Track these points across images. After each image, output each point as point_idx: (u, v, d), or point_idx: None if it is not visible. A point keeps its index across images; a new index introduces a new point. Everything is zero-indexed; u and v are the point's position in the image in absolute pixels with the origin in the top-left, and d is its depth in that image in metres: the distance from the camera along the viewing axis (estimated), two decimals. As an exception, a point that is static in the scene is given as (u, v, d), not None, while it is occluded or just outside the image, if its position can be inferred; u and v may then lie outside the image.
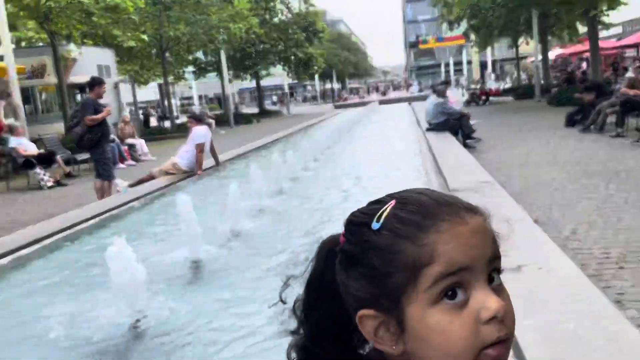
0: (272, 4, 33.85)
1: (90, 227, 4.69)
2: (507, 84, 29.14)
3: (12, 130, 10.04)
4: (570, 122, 11.40)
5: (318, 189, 6.09)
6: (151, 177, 7.68)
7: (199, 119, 7.96)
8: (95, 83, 6.83)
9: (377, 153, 9.21)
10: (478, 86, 25.09)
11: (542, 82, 23.13)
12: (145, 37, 18.65)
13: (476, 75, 54.05)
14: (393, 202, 0.59)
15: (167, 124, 28.80)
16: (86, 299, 2.90)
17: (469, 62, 58.66)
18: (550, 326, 2.00)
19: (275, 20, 34.10)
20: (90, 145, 6.65)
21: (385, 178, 6.50)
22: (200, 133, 7.58)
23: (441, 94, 9.94)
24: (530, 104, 20.50)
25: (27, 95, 17.92)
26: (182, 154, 7.67)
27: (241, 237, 4.12)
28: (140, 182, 7.64)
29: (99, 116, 6.65)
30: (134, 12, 15.96)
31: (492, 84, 26.19)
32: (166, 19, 21.37)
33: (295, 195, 5.72)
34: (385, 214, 0.58)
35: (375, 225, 0.58)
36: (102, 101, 18.26)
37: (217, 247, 3.79)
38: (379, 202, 0.61)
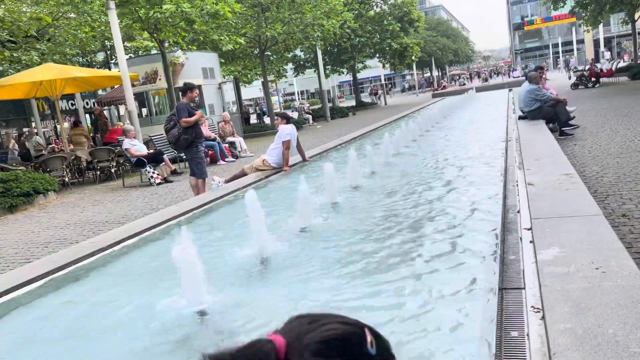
0: (366, -3, 33.89)
1: (182, 222, 5.21)
2: (622, 62, 26.59)
3: (125, 133, 11.17)
4: (689, 103, 10.31)
5: (390, 181, 6.18)
6: (243, 174, 8.21)
7: (286, 117, 8.33)
8: (187, 88, 7.43)
9: (463, 142, 9.03)
10: (587, 67, 23.22)
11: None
12: (242, 40, 19.61)
13: (589, 54, 49.99)
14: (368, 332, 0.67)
15: (267, 120, 30.19)
16: (163, 288, 3.31)
17: (580, 41, 54.39)
18: (589, 330, 1.97)
19: (370, 13, 34.08)
20: (185, 145, 7.28)
21: (465, 168, 6.41)
22: (286, 131, 7.95)
23: (533, 80, 9.47)
24: (647, 84, 18.70)
25: (142, 100, 19.75)
26: (270, 151, 8.10)
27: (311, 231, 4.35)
28: (234, 178, 8.21)
29: (193, 118, 7.25)
30: (233, 16, 16.91)
31: (603, 64, 24.09)
32: (263, 20, 22.30)
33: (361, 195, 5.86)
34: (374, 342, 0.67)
35: (372, 351, 0.65)
36: (206, 100, 19.50)
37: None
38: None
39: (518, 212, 4.08)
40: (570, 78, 28.35)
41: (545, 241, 3.04)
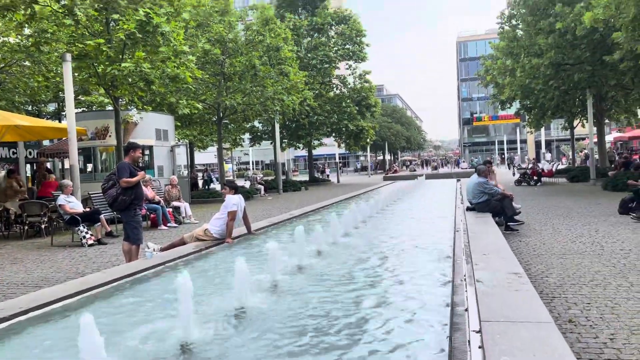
0: (328, 79, 35.16)
1: (105, 292, 4.70)
2: (561, 164, 28.27)
3: (62, 188, 10.52)
4: (624, 209, 10.78)
5: (337, 266, 5.90)
6: (182, 242, 7.75)
7: (234, 187, 8.05)
8: (131, 147, 7.10)
9: (412, 228, 8.96)
10: (530, 166, 24.43)
11: (598, 165, 22.33)
12: (199, 105, 19.58)
13: (531, 154, 53.10)
14: None
15: (214, 186, 29.71)
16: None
17: (524, 141, 57.87)
18: None
19: (330, 94, 35.25)
20: (123, 207, 6.82)
21: (412, 256, 6.24)
22: (233, 201, 7.64)
23: (482, 173, 9.69)
24: (584, 187, 19.72)
25: (89, 155, 19.05)
26: (214, 221, 7.73)
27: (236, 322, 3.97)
28: (172, 246, 7.71)
29: (134, 179, 6.86)
30: (193, 81, 16.92)
31: (544, 165, 25.46)
32: (224, 89, 22.50)
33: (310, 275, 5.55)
34: None
35: None
36: (156, 162, 19.05)
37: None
38: None
39: (466, 310, 3.88)
40: (514, 174, 29.75)
41: (495, 349, 2.80)
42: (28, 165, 22.20)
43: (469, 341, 3.16)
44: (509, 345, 2.85)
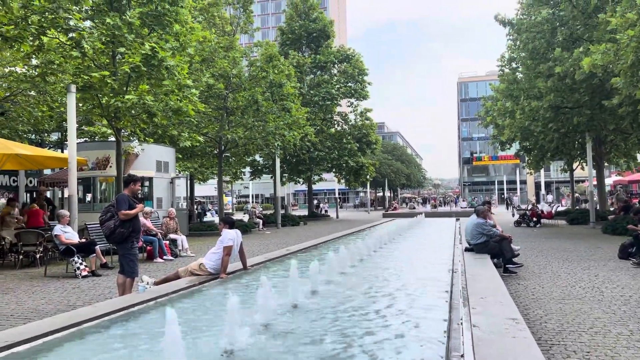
0: (329, 115, 35.56)
1: (94, 327, 4.61)
2: (561, 206, 28.24)
3: (59, 218, 10.48)
4: (624, 254, 10.70)
5: (329, 306, 5.80)
6: (177, 276, 7.65)
7: (229, 223, 7.99)
8: (131, 180, 7.10)
9: (409, 268, 8.85)
10: (529, 207, 24.39)
11: (597, 208, 22.29)
12: (201, 138, 19.71)
13: (530, 195, 53.10)
14: None
15: (214, 218, 29.63)
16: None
17: (523, 182, 57.99)
18: None
19: (331, 130, 35.57)
20: (120, 240, 6.77)
21: (410, 297, 6.14)
22: (229, 236, 7.57)
23: (481, 214, 9.65)
24: (583, 230, 19.63)
25: (89, 185, 19.06)
26: (209, 255, 7.64)
27: None
28: (166, 280, 7.61)
29: (133, 212, 6.83)
30: (196, 115, 17.09)
31: (544, 206, 25.42)
32: (227, 123, 22.71)
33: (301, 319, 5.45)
34: None
35: None
36: (155, 194, 19.03)
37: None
38: None
39: (462, 357, 3.78)
40: (513, 215, 29.66)
41: (490, 400, 2.72)
42: (27, 194, 22.21)
43: (463, 390, 3.06)
44: (505, 397, 2.76)
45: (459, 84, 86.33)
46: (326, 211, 41.75)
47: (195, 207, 31.82)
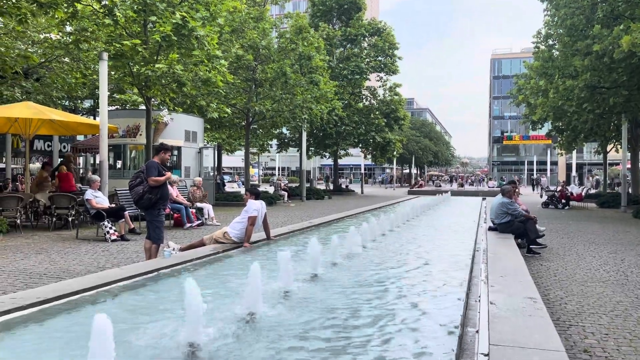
0: (358, 89, 35.21)
1: (120, 287, 4.81)
2: (591, 189, 27.62)
3: (90, 183, 10.79)
4: (654, 239, 10.47)
5: (348, 277, 5.88)
6: (201, 244, 7.85)
7: (255, 194, 8.12)
8: (162, 149, 7.24)
9: (430, 245, 8.87)
10: (558, 188, 23.94)
11: (630, 192, 21.74)
12: (229, 110, 19.83)
13: (561, 176, 52.00)
14: None
15: (240, 189, 29.96)
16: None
17: (554, 163, 56.77)
18: None
19: (359, 105, 35.27)
20: (147, 205, 6.95)
21: (429, 273, 6.18)
22: (254, 206, 7.71)
23: (507, 194, 9.55)
24: (614, 213, 19.22)
25: (119, 152, 19.49)
26: (233, 225, 7.80)
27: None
28: (191, 247, 7.83)
29: (162, 178, 6.99)
30: (224, 86, 17.19)
31: (574, 188, 24.90)
32: (255, 94, 22.77)
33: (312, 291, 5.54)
34: None
35: None
36: (184, 163, 19.34)
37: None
38: None
39: (477, 332, 3.82)
40: (541, 197, 29.18)
41: (501, 374, 2.76)
42: (60, 159, 22.86)
43: (476, 364, 3.12)
44: (516, 372, 2.80)
45: (493, 61, 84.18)
46: (347, 187, 41.55)
47: (215, 178, 32.21)
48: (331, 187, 39.62)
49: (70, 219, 11.71)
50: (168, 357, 3.20)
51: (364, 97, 36.78)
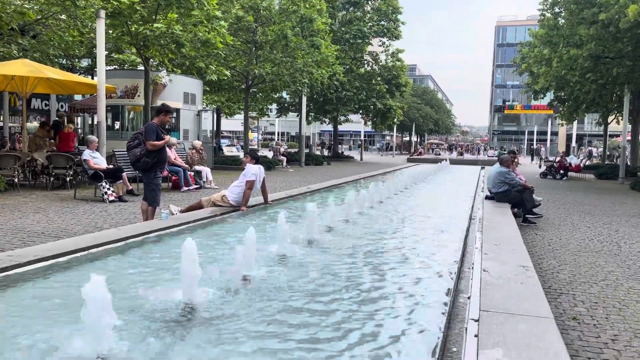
0: (359, 54, 34.71)
1: (117, 248, 4.85)
2: (584, 160, 27.60)
3: (87, 143, 10.74)
4: (649, 211, 10.53)
5: (344, 242, 5.94)
6: (200, 206, 7.89)
7: (255, 157, 8.10)
8: (162, 110, 7.16)
9: (426, 213, 8.92)
10: (557, 159, 23.93)
11: (629, 163, 21.74)
12: (228, 72, 19.57)
13: (561, 147, 51.89)
14: None
15: (239, 154, 29.89)
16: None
17: (555, 133, 56.57)
18: None
19: (361, 70, 34.85)
20: (144, 168, 6.94)
21: (424, 240, 6.24)
22: (252, 171, 7.71)
23: (505, 163, 9.54)
24: (611, 185, 19.27)
25: (117, 112, 19.34)
26: (232, 188, 7.81)
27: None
28: (190, 208, 7.88)
29: (160, 143, 6.94)
30: (224, 47, 16.92)
31: (573, 159, 24.90)
32: (255, 57, 22.45)
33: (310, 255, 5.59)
34: None
35: None
36: (182, 125, 19.21)
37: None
38: None
39: (468, 298, 3.88)
40: (540, 167, 29.21)
41: (490, 339, 2.82)
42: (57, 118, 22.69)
43: (466, 328, 3.17)
44: (504, 337, 2.86)
45: (497, 28, 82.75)
46: (342, 152, 41.44)
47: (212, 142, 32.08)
48: (326, 153, 39.51)
49: (68, 179, 11.71)
50: (166, 315, 3.26)
51: (365, 62, 36.32)
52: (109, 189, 10.14)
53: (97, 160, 10.56)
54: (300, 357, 2.76)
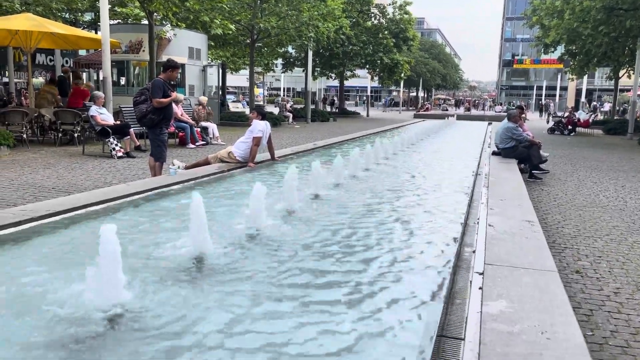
0: (366, 7, 33.84)
1: (126, 203, 4.94)
2: (597, 115, 27.27)
3: (94, 99, 10.72)
4: (657, 167, 10.49)
5: (350, 197, 6.00)
6: (206, 162, 7.94)
7: (261, 113, 8.08)
8: (170, 66, 7.07)
9: (432, 169, 8.94)
10: (566, 115, 23.67)
11: (638, 119, 21.48)
12: (233, 26, 19.22)
13: (570, 102, 51.18)
14: None
15: (245, 110, 29.73)
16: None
17: (564, 88, 55.66)
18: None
19: (368, 23, 34.06)
20: (150, 125, 6.96)
21: (430, 196, 6.30)
22: (259, 127, 7.70)
23: (512, 118, 9.47)
24: (619, 140, 19.13)
25: (122, 68, 19.17)
26: (238, 144, 7.83)
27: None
28: (196, 165, 7.93)
29: (166, 100, 6.92)
30: (228, 1, 16.56)
31: (581, 114, 24.61)
32: (260, 10, 21.96)
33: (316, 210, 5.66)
34: None
35: None
36: (187, 81, 19.04)
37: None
38: None
39: (473, 252, 3.95)
40: (548, 122, 28.92)
41: (494, 291, 2.89)
42: (62, 73, 22.51)
43: (470, 281, 3.25)
44: (508, 289, 2.93)
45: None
46: (337, 108, 41.07)
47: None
48: (328, 109, 39.15)
49: (76, 135, 11.75)
50: (177, 267, 3.35)
51: (372, 15, 35.40)
52: (116, 144, 10.19)
53: (104, 116, 10.57)
54: (333, 271, 2.85)
